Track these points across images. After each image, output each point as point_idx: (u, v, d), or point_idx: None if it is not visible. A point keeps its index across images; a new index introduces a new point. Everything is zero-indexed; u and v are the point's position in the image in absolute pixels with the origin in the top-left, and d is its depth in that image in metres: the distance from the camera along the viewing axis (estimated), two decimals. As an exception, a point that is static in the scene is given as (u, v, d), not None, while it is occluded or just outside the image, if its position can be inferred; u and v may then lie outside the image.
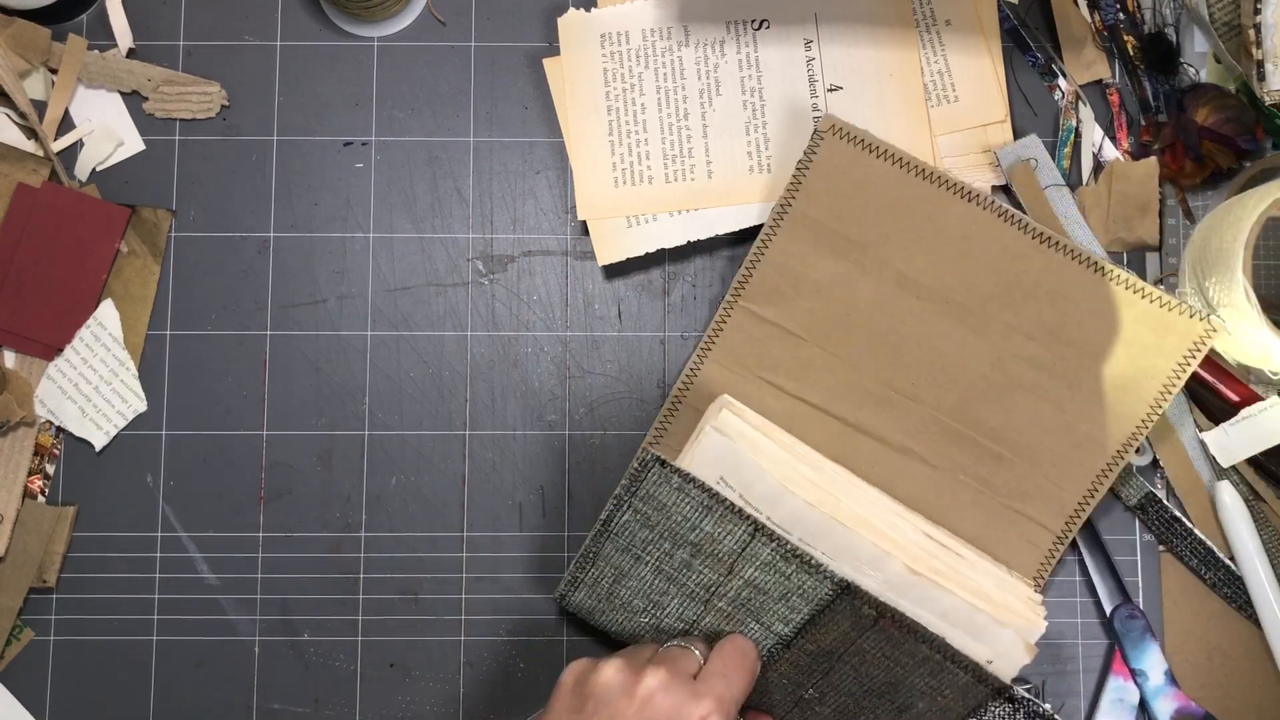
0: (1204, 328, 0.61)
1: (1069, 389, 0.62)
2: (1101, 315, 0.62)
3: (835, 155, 0.64)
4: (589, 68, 0.68)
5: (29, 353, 0.67)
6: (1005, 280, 0.63)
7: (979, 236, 0.63)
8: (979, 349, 0.63)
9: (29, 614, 0.66)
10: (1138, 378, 0.62)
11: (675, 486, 0.59)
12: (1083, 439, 0.62)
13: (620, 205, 0.67)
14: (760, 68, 0.67)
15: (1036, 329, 0.63)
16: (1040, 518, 0.63)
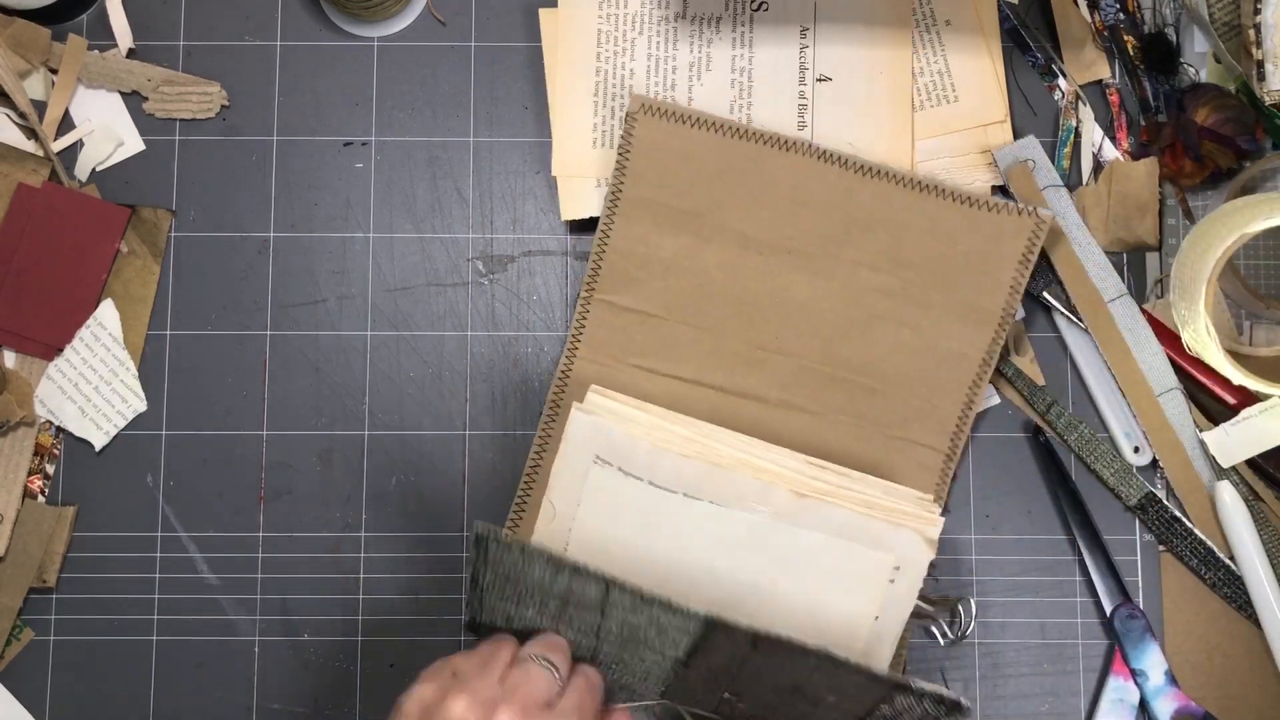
0: (1033, 222, 0.62)
1: (922, 310, 0.64)
2: (936, 233, 0.63)
3: (652, 132, 0.65)
4: (583, 26, 0.68)
5: (29, 353, 0.67)
6: (840, 219, 0.64)
7: (806, 182, 0.64)
8: (830, 291, 0.64)
9: (29, 614, 0.66)
10: (984, 284, 0.63)
11: (517, 555, 0.57)
12: (946, 355, 0.64)
13: (595, 166, 0.67)
14: (753, 49, 0.68)
15: (879, 259, 0.64)
16: (925, 439, 0.64)
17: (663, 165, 0.65)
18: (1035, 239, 0.62)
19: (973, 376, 0.64)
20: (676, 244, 0.65)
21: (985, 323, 0.63)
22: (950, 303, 0.63)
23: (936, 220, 0.63)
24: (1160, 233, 0.67)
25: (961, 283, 0.63)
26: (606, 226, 0.65)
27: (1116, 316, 0.65)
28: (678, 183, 0.65)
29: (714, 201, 0.64)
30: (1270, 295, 0.67)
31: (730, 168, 0.64)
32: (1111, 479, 0.66)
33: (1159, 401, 0.65)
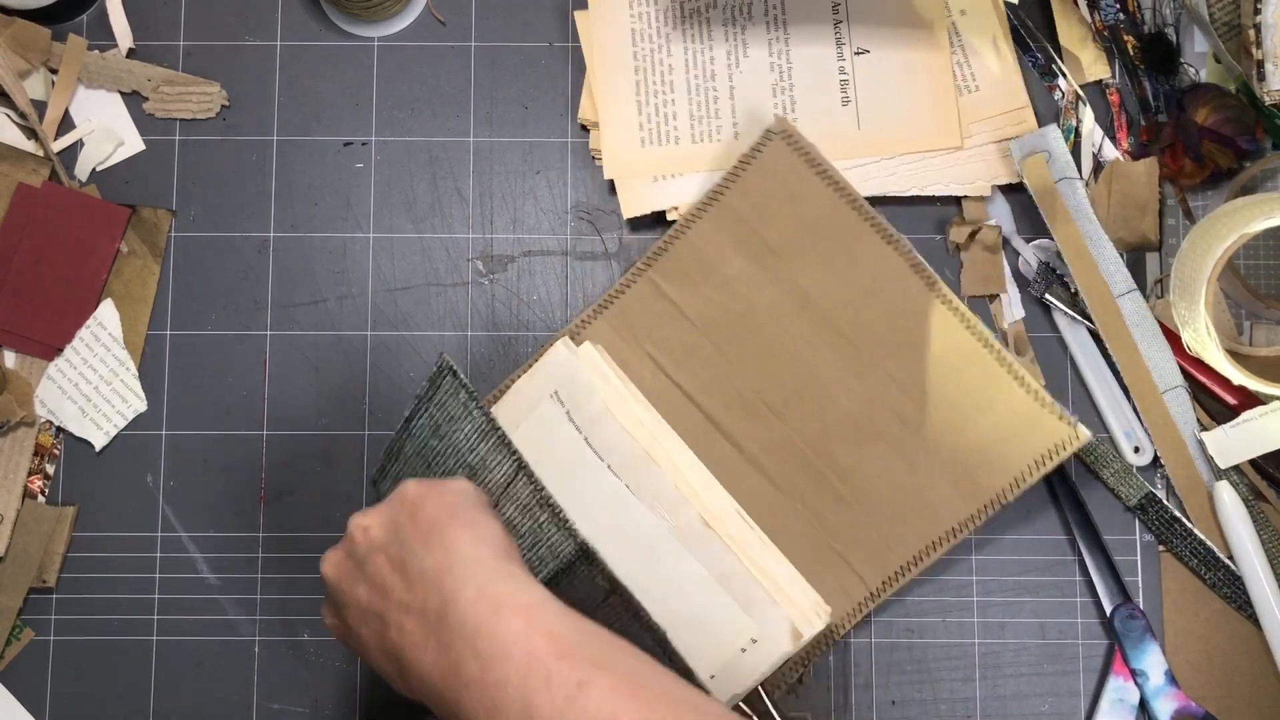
0: (1069, 434, 0.60)
1: (926, 454, 0.62)
2: (979, 392, 0.62)
3: (778, 159, 0.64)
4: (617, 28, 0.68)
5: (29, 353, 0.67)
6: (899, 330, 0.63)
7: (887, 281, 0.63)
8: (855, 389, 0.63)
9: (29, 614, 0.66)
10: (994, 463, 0.61)
11: (462, 401, 0.58)
12: (925, 506, 0.62)
13: (646, 165, 0.67)
14: (788, 30, 0.68)
15: (914, 386, 0.63)
16: (861, 569, 0.63)
17: (770, 192, 0.64)
18: (1060, 450, 0.60)
19: (935, 538, 0.62)
20: (744, 268, 0.64)
21: (973, 498, 0.61)
22: (955, 463, 0.62)
23: (984, 380, 0.61)
24: (1160, 233, 0.67)
25: (974, 450, 0.61)
26: (692, 219, 0.65)
27: (1125, 312, 0.65)
28: (775, 216, 0.64)
29: (797, 249, 0.64)
30: (1270, 295, 0.67)
31: (827, 228, 0.63)
32: (1111, 479, 0.66)
33: (1163, 399, 0.65)
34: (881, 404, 0.63)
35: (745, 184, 0.64)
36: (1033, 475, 0.61)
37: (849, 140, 0.67)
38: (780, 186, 0.64)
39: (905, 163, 0.67)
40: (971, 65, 0.68)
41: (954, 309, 0.62)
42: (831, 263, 0.63)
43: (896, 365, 0.63)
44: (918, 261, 0.63)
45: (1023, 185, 0.66)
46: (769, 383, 0.64)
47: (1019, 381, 0.61)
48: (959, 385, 0.62)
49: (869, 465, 0.63)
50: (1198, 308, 0.60)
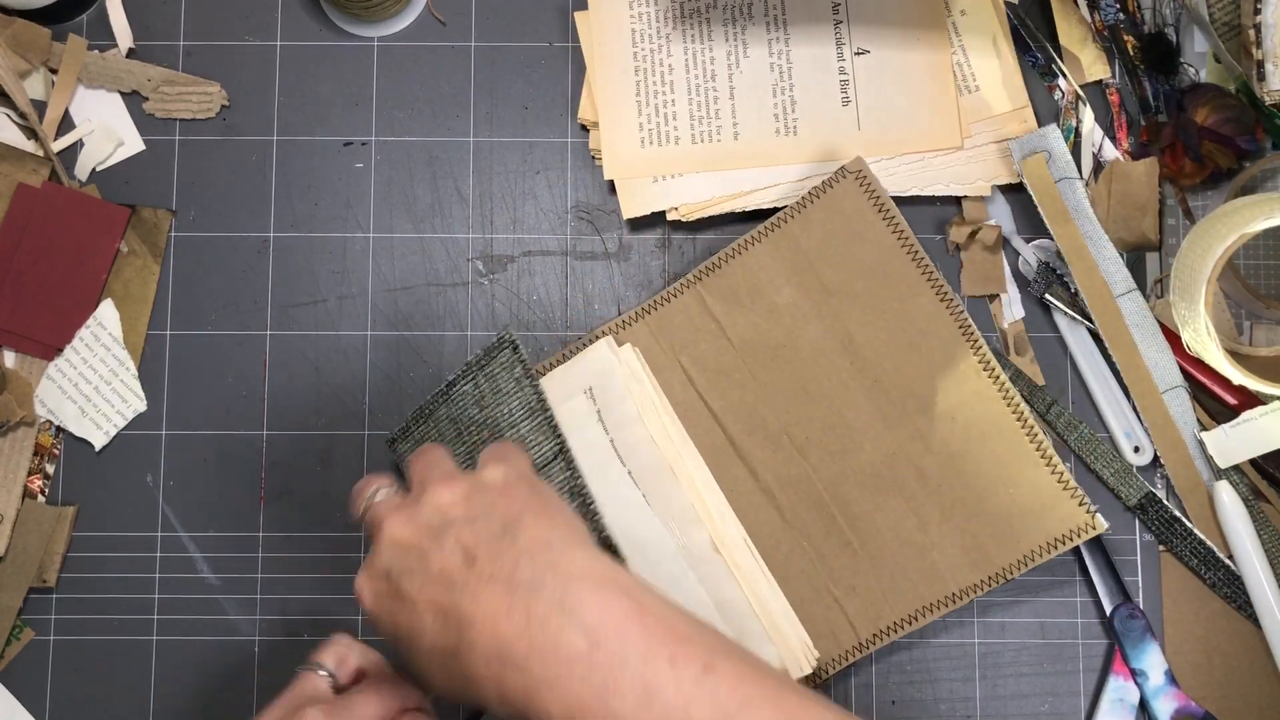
0: (1086, 520, 0.60)
1: (940, 516, 0.62)
2: (1004, 464, 0.62)
3: (847, 198, 0.64)
4: (617, 28, 0.68)
5: (29, 353, 0.67)
6: (935, 388, 0.63)
7: (934, 338, 0.63)
8: (881, 438, 0.63)
9: (29, 614, 0.66)
10: (1006, 537, 0.61)
11: (516, 377, 0.59)
12: (929, 567, 0.62)
13: (647, 165, 0.67)
14: (788, 30, 0.68)
15: (940, 447, 0.63)
16: (854, 618, 0.62)
17: (833, 229, 0.64)
18: (1076, 535, 0.60)
19: (932, 600, 0.62)
20: (793, 300, 0.64)
21: (979, 568, 0.61)
22: (967, 530, 0.62)
23: (1010, 454, 0.62)
24: (1160, 233, 0.67)
25: (989, 521, 0.61)
26: (751, 242, 0.65)
27: (1125, 312, 0.65)
28: (834, 253, 0.64)
29: (850, 291, 0.64)
30: (1270, 295, 0.67)
31: (884, 274, 0.64)
32: (1111, 479, 0.66)
33: (1163, 399, 0.65)
34: (904, 458, 0.63)
35: (810, 216, 0.64)
36: (1044, 556, 0.61)
37: (849, 140, 0.67)
38: (845, 225, 0.64)
39: (905, 163, 0.67)
40: (971, 65, 0.68)
41: (995, 377, 0.62)
42: (882, 309, 0.64)
43: (926, 422, 0.63)
44: (967, 324, 0.63)
45: (1023, 185, 0.66)
46: (796, 417, 0.64)
47: (1047, 461, 0.61)
48: (985, 454, 0.62)
49: (880, 516, 0.63)
50: (1198, 308, 0.60)
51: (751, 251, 0.65)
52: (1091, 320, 0.66)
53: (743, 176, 0.67)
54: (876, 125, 0.67)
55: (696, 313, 0.65)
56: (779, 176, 0.67)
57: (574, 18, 0.69)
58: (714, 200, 0.67)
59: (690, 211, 0.67)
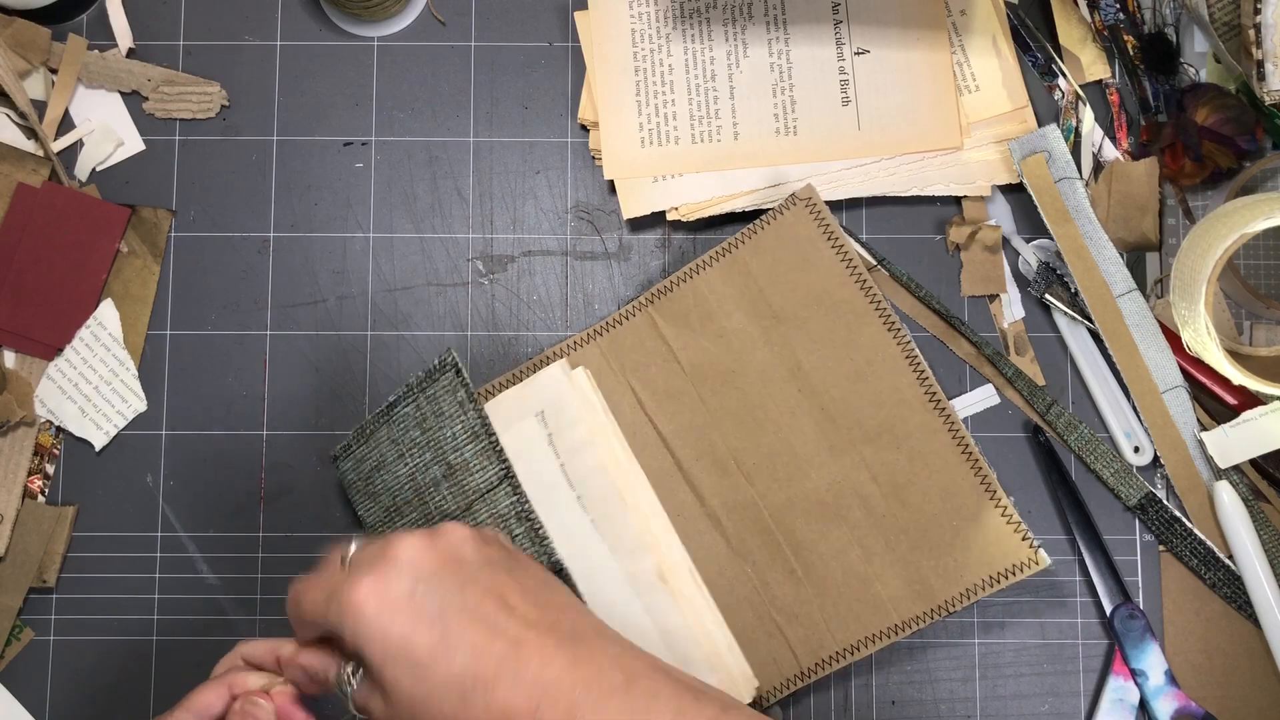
0: (1029, 556, 0.60)
1: (884, 546, 0.62)
2: (947, 497, 0.62)
3: (797, 224, 0.64)
4: (617, 28, 0.68)
5: (29, 353, 0.67)
6: (881, 417, 0.63)
7: (880, 366, 0.63)
8: (827, 467, 0.63)
9: (29, 614, 0.66)
10: (950, 570, 0.61)
11: (459, 400, 0.59)
12: (872, 598, 0.62)
13: (646, 165, 0.67)
14: (788, 30, 0.68)
15: (885, 476, 0.63)
16: (796, 646, 0.62)
17: (783, 256, 0.64)
18: (1017, 571, 0.60)
19: (875, 632, 0.61)
20: (743, 325, 0.64)
21: (922, 599, 0.61)
22: (911, 561, 0.62)
23: (954, 486, 0.62)
24: (1160, 233, 0.67)
25: (933, 553, 0.61)
26: (703, 265, 0.65)
27: (1125, 312, 0.65)
28: (783, 280, 0.64)
29: (798, 318, 0.64)
30: (1270, 295, 0.67)
31: (832, 302, 0.64)
32: (1111, 479, 0.66)
33: (1163, 399, 0.65)
34: (850, 487, 0.63)
35: (761, 242, 0.65)
36: (985, 590, 0.61)
37: (849, 140, 0.67)
38: (795, 252, 0.64)
39: (905, 162, 0.67)
40: (971, 65, 0.68)
41: (941, 410, 0.62)
42: (829, 338, 0.64)
43: (873, 452, 0.63)
44: (914, 354, 0.63)
45: (1023, 185, 0.66)
46: (744, 443, 0.64)
47: (992, 495, 0.61)
48: (931, 486, 0.62)
49: (825, 545, 0.63)
50: (1198, 308, 0.60)
51: (703, 275, 0.65)
52: (1091, 320, 0.66)
53: (743, 176, 0.67)
54: (876, 125, 0.67)
55: (648, 335, 0.65)
56: (779, 176, 0.67)
57: (574, 17, 0.69)
58: (714, 200, 0.67)
59: (690, 211, 0.67)
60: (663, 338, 0.65)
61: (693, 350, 0.65)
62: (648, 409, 0.65)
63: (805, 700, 0.65)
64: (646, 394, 0.65)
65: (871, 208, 0.68)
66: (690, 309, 0.65)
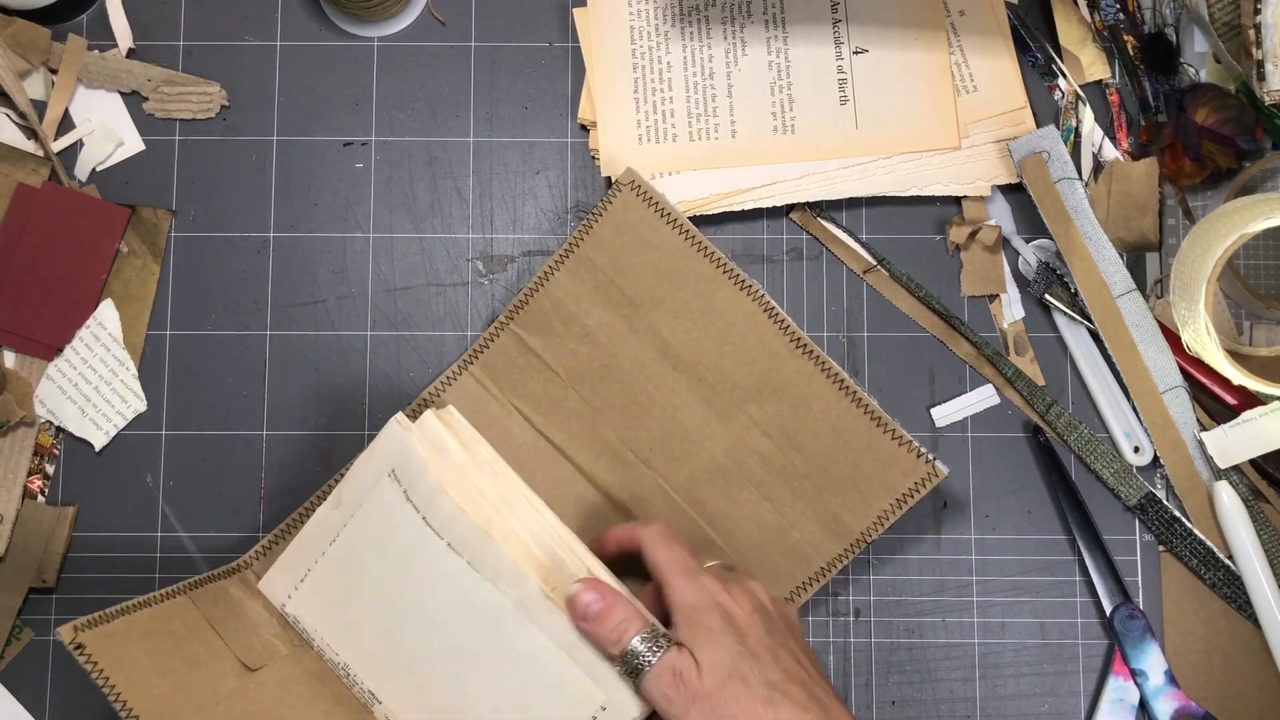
0: (927, 470, 0.61)
1: (791, 495, 0.63)
2: (837, 433, 0.62)
3: (628, 209, 0.64)
4: (616, 25, 0.68)
5: (29, 353, 0.67)
6: (757, 374, 0.63)
7: (743, 326, 0.64)
8: (718, 434, 0.64)
9: (29, 614, 0.66)
10: (857, 501, 0.62)
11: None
12: (792, 548, 0.63)
13: (644, 163, 0.67)
14: (786, 29, 0.68)
15: (775, 429, 0.63)
16: None
17: (623, 243, 0.65)
18: (920, 487, 0.61)
19: (804, 579, 0.63)
20: (604, 319, 0.65)
21: (840, 537, 0.62)
22: (819, 503, 0.63)
23: (841, 422, 0.62)
24: (1160, 233, 0.67)
25: (837, 490, 0.62)
26: (551, 271, 0.65)
27: (1125, 312, 0.65)
28: (630, 266, 0.65)
29: (654, 299, 0.64)
30: (1270, 295, 0.67)
31: (682, 276, 0.64)
32: (1111, 479, 0.66)
33: (1163, 399, 0.65)
34: (744, 448, 0.64)
35: (598, 235, 0.65)
36: (896, 513, 0.62)
37: (847, 139, 0.67)
38: (633, 237, 0.64)
39: (902, 161, 0.67)
40: (971, 65, 0.68)
41: (810, 354, 0.63)
42: (688, 310, 0.64)
43: (757, 409, 0.63)
44: (770, 307, 0.63)
45: (1022, 185, 0.66)
46: (635, 431, 0.64)
47: (878, 422, 0.62)
48: (819, 426, 0.63)
49: (736, 509, 0.63)
50: (1198, 308, 0.60)
51: (553, 280, 0.65)
52: (1091, 320, 0.66)
53: (740, 174, 0.67)
54: (874, 124, 0.67)
55: (516, 352, 0.66)
56: (777, 175, 0.67)
57: (573, 15, 0.69)
58: (711, 198, 0.67)
59: (688, 209, 0.67)
60: (531, 350, 0.65)
61: (563, 355, 0.65)
62: (535, 423, 0.65)
63: (805, 700, 0.65)
64: (530, 409, 0.65)
65: (871, 208, 0.68)
66: (550, 316, 0.65)
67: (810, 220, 0.68)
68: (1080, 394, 0.67)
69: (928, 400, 0.67)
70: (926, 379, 0.67)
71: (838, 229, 0.68)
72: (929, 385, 0.67)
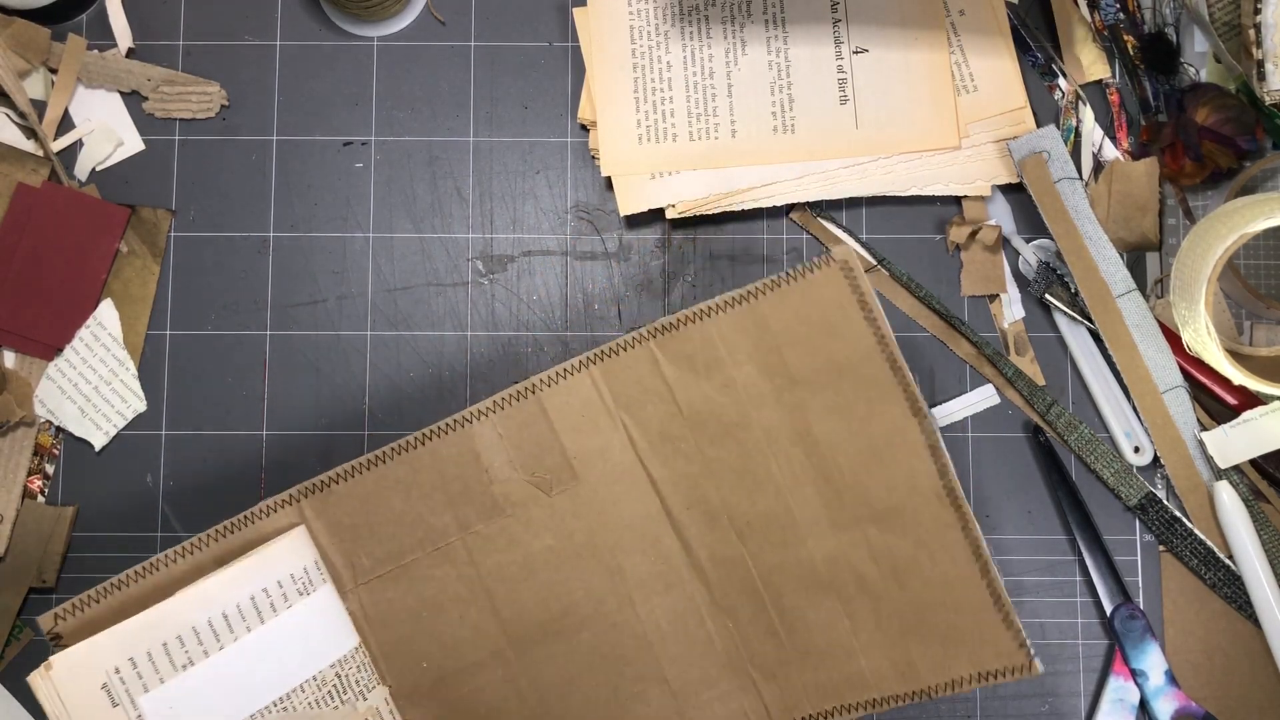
0: (1023, 662, 0.59)
1: (874, 624, 0.61)
2: (948, 589, 0.60)
3: (828, 287, 0.60)
4: (616, 25, 0.68)
5: (29, 353, 0.67)
6: (892, 502, 0.60)
7: (898, 450, 0.60)
8: (825, 538, 0.61)
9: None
10: (938, 658, 0.60)
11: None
12: (855, 672, 0.61)
13: (644, 162, 0.67)
14: (786, 28, 0.68)
15: (886, 559, 0.61)
16: (770, 704, 0.62)
17: (809, 316, 0.61)
18: (1007, 674, 0.59)
19: (848, 703, 0.61)
20: (752, 380, 0.61)
21: (906, 681, 0.60)
22: (900, 643, 0.60)
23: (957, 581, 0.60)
24: (1160, 233, 0.67)
25: (923, 639, 0.60)
26: (716, 310, 0.61)
27: (1125, 312, 0.65)
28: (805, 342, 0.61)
29: (815, 385, 0.61)
30: (1270, 295, 0.67)
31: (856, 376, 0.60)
32: (1111, 479, 0.66)
33: (1163, 399, 0.65)
34: (847, 562, 0.61)
35: (784, 297, 0.61)
36: (971, 685, 0.60)
37: (846, 139, 0.67)
38: (821, 314, 0.60)
39: (902, 161, 0.67)
40: (971, 65, 0.68)
41: (958, 508, 0.60)
42: (848, 411, 0.61)
43: (877, 533, 0.61)
44: (937, 445, 0.60)
45: (1022, 185, 0.66)
46: (740, 500, 0.62)
47: (993, 593, 0.60)
48: (934, 575, 0.60)
49: (813, 614, 0.61)
50: (1198, 308, 0.60)
51: (715, 319, 0.61)
52: (1091, 320, 0.66)
53: (740, 174, 0.67)
54: (874, 124, 0.67)
55: (647, 371, 0.62)
56: (777, 174, 0.67)
57: (573, 14, 0.69)
58: (711, 198, 0.67)
59: (687, 209, 0.67)
60: (663, 376, 0.62)
61: (694, 395, 0.62)
62: (639, 450, 0.62)
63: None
64: (639, 433, 0.62)
65: (871, 208, 0.68)
66: (696, 351, 0.61)
67: (810, 220, 0.68)
68: (1080, 394, 0.67)
69: (928, 400, 0.67)
70: (926, 379, 0.67)
71: (838, 229, 0.68)
72: (929, 385, 0.67)
